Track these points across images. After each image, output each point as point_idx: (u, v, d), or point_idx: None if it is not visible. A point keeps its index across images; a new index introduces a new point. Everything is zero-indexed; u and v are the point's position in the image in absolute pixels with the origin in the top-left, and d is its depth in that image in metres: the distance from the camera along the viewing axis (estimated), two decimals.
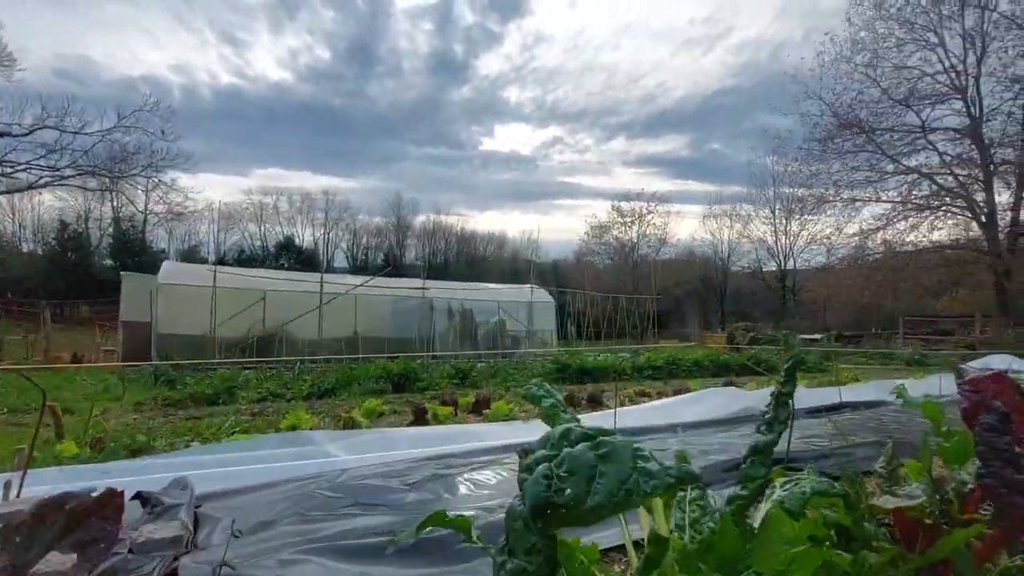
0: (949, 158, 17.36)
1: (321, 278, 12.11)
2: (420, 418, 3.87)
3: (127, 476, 2.19)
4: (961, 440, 1.28)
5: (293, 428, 3.47)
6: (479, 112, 77.89)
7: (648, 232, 39.63)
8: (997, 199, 16.52)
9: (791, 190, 28.99)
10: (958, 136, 17.29)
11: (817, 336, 17.17)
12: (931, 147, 17.77)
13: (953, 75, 17.02)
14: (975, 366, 10.35)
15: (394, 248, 54.77)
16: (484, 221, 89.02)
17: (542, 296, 18.15)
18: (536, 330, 17.17)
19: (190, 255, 39.55)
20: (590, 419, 3.73)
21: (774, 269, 37.30)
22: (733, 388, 4.61)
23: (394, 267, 50.08)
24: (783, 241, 35.58)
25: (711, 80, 72.38)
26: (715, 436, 3.39)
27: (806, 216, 24.74)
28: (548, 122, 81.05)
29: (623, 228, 39.48)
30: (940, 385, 6.61)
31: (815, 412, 4.60)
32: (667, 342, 36.35)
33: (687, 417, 3.82)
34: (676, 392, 5.34)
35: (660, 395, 5.26)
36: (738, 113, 71.74)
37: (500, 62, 77.35)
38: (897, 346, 16.00)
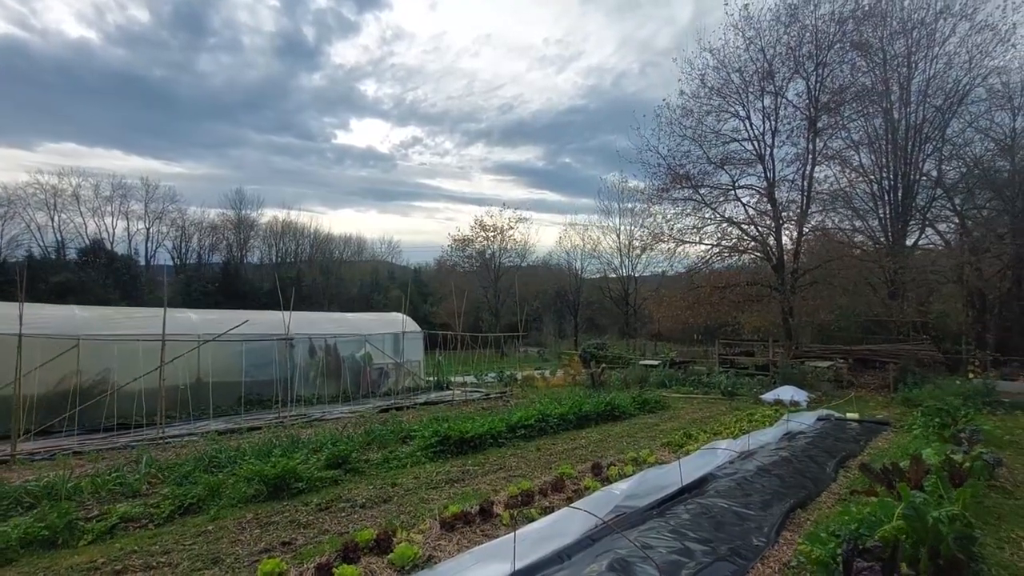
0: (752, 212, 21.23)
1: (163, 320, 10.47)
2: None
3: None
4: None
5: None
6: (333, 103, 73.43)
7: (510, 247, 41.32)
8: (785, 247, 20.61)
9: (632, 220, 32.91)
10: (759, 194, 21.20)
11: (655, 363, 19.78)
12: (739, 202, 21.62)
13: (755, 144, 20.84)
14: (769, 398, 12.95)
15: (234, 250, 48.95)
16: (338, 219, 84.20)
17: (412, 326, 18.06)
18: (405, 361, 17.05)
19: None
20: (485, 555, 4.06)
21: (620, 281, 41.46)
22: (587, 510, 5.31)
23: (235, 273, 45.10)
24: (626, 262, 39.72)
25: (563, 98, 77.45)
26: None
27: (647, 251, 28.16)
28: (408, 121, 79.50)
29: (486, 241, 40.65)
30: (748, 442, 8.24)
31: (658, 505, 5.49)
32: (530, 349, 38.25)
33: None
34: (553, 487, 5.93)
35: (542, 492, 5.79)
36: (587, 131, 77.89)
37: (356, 53, 73.71)
38: (714, 368, 19.12)
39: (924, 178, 21.81)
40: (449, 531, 4.80)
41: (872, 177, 21.74)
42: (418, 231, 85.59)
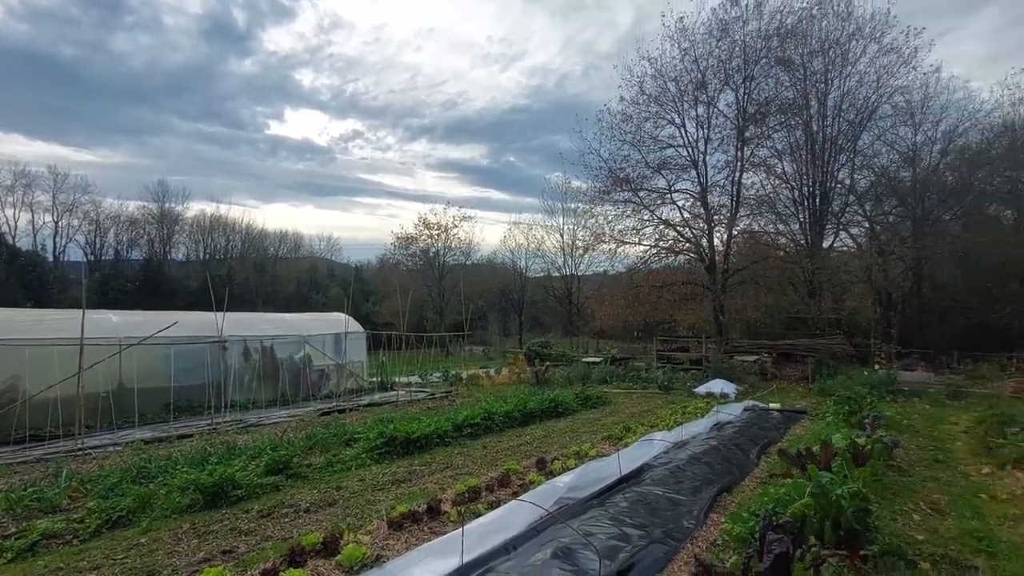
0: (687, 215, 22.37)
1: (82, 323, 9.73)
2: None
3: None
4: None
5: None
6: (266, 91, 70.25)
7: (454, 245, 41.19)
8: (716, 249, 21.86)
9: (575, 221, 33.78)
10: (693, 198, 22.35)
11: (597, 360, 20.43)
12: (675, 205, 22.71)
13: (690, 151, 21.95)
14: (702, 391, 13.74)
15: (157, 246, 45.81)
16: (272, 214, 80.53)
17: (354, 326, 17.69)
18: (347, 362, 16.69)
19: None
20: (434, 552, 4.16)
21: (563, 280, 42.29)
22: (532, 502, 5.50)
23: (158, 270, 42.25)
24: (570, 262, 40.58)
25: (507, 96, 77.87)
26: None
27: (589, 251, 28.97)
28: (348, 114, 77.31)
29: (430, 240, 40.32)
30: (682, 433, 8.75)
31: (599, 495, 5.78)
32: (475, 348, 38.29)
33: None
34: (500, 483, 6.09)
35: (488, 488, 5.94)
36: (531, 131, 78.67)
37: (292, 40, 70.85)
38: (652, 364, 19.99)
39: (839, 186, 23.79)
40: (397, 530, 4.85)
41: (793, 184, 23.47)
42: (359, 228, 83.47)
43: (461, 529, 4.17)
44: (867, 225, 25.57)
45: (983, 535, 4.53)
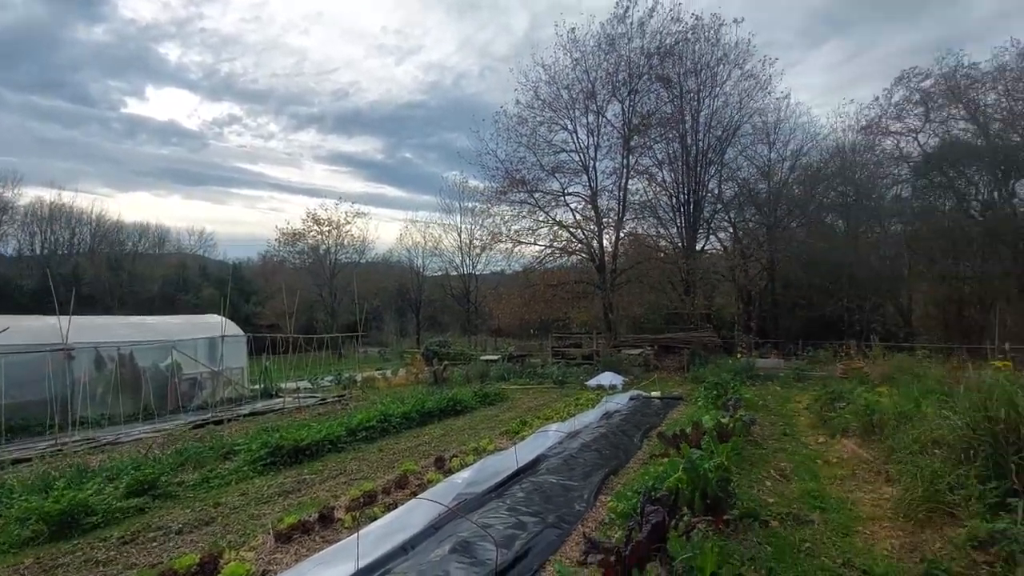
0: (579, 217, 23.53)
1: None
2: None
3: None
4: None
5: None
6: (122, 64, 62.19)
7: (347, 242, 39.43)
8: (606, 250, 23.24)
9: (472, 221, 34.07)
10: (584, 201, 23.57)
11: (495, 358, 20.76)
12: (568, 207, 23.79)
13: (581, 156, 23.14)
14: (593, 383, 14.55)
15: None
16: (130, 205, 71.02)
17: (233, 329, 16.26)
18: (224, 369, 15.30)
19: None
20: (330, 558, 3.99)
21: (461, 280, 42.25)
22: (431, 499, 5.50)
23: None
24: (467, 260, 40.69)
25: (403, 91, 76.07)
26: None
27: (487, 251, 29.33)
28: (222, 96, 70.71)
29: (320, 236, 38.18)
30: (574, 423, 9.21)
31: (496, 488, 5.93)
32: (370, 349, 36.93)
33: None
34: (397, 485, 5.99)
35: (385, 491, 5.81)
36: (428, 127, 77.61)
37: (154, 9, 63.37)
38: (548, 361, 20.76)
39: (709, 194, 26.48)
40: (286, 543, 4.57)
41: (672, 192, 25.69)
42: (237, 222, 76.42)
43: (356, 534, 4.05)
44: (732, 230, 28.81)
45: (818, 494, 5.34)
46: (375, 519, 4.81)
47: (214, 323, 15.27)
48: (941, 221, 26.06)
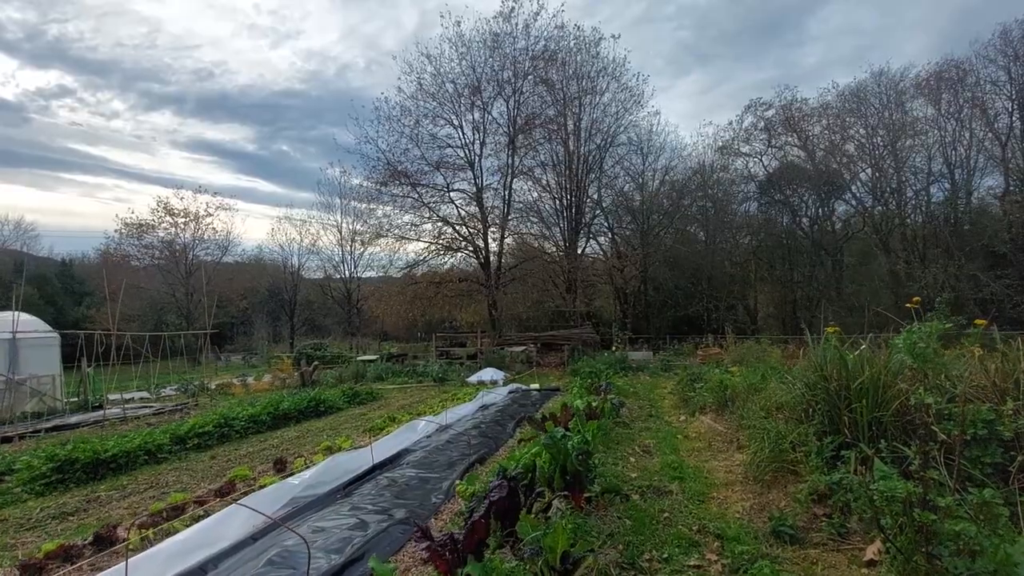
0: (464, 214, 23.11)
1: None
2: None
3: None
4: None
5: None
6: None
7: (207, 236, 35.26)
8: (491, 249, 23.08)
9: (354, 219, 32.28)
10: (469, 199, 23.22)
11: (373, 358, 19.51)
12: (453, 204, 23.28)
13: (466, 151, 22.79)
14: (474, 380, 14.07)
15: None
16: None
17: (42, 327, 13.41)
18: (28, 377, 12.50)
19: None
20: None
21: (343, 282, 39.75)
22: (251, 507, 4.69)
23: None
24: (348, 260, 38.43)
25: (280, 77, 70.61)
26: None
27: (366, 245, 27.81)
28: (50, 63, 60.72)
29: (174, 229, 33.66)
30: (447, 417, 8.66)
31: (344, 487, 5.18)
32: (234, 357, 33.21)
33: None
34: (219, 493, 4.98)
35: (200, 502, 4.77)
36: (308, 119, 72.76)
37: None
38: (431, 361, 20.00)
39: (589, 200, 27.57)
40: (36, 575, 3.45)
41: (555, 195, 26.33)
42: (69, 212, 65.40)
43: (125, 561, 3.11)
44: (610, 235, 30.37)
45: (677, 465, 5.33)
46: (173, 534, 3.84)
47: (8, 321, 12.41)
48: (779, 234, 29.90)
